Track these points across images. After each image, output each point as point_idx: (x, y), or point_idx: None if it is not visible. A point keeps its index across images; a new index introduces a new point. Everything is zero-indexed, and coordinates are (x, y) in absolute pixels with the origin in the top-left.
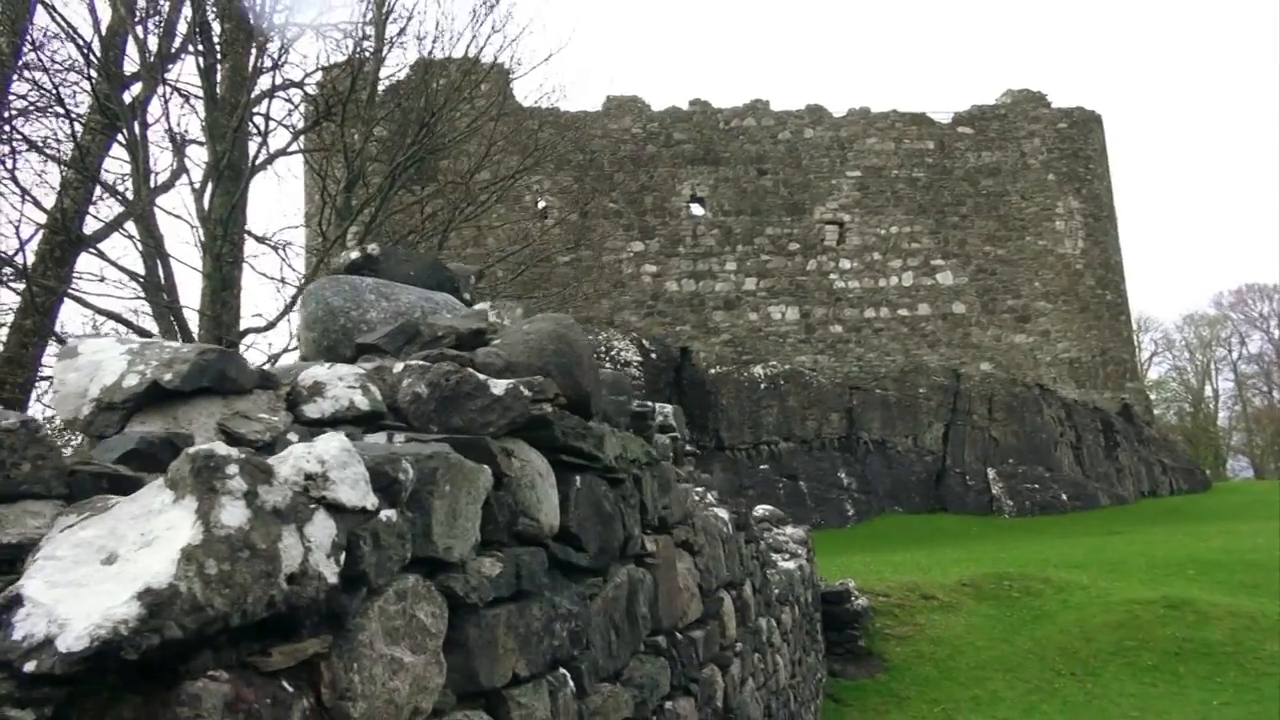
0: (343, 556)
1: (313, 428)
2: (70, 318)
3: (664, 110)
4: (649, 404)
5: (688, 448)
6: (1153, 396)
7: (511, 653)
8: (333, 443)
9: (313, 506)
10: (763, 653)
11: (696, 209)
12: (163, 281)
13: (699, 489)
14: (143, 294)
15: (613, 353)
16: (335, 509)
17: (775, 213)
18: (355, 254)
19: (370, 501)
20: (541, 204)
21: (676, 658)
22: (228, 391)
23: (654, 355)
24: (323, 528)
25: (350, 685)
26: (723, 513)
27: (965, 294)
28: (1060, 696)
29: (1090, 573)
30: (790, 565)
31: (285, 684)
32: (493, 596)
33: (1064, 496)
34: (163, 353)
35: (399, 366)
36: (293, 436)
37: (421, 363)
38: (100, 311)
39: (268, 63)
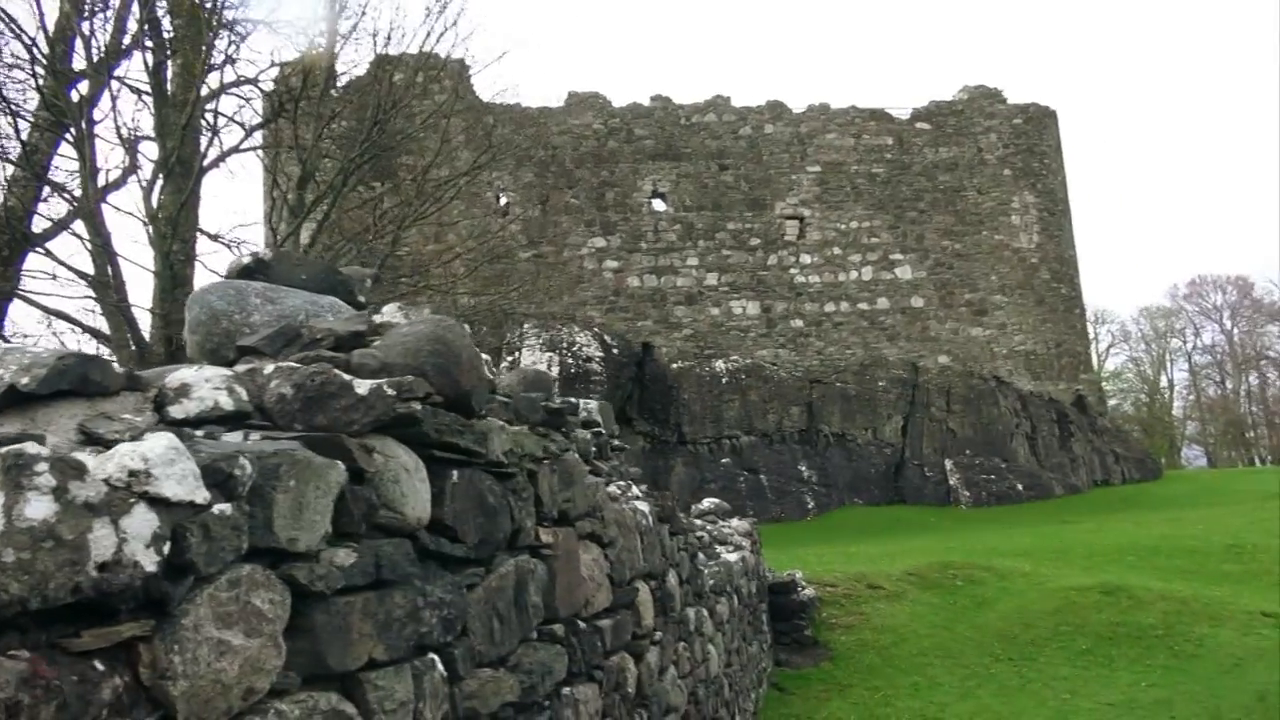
0: (166, 547)
1: (177, 428)
2: (23, 318)
3: (625, 106)
4: (572, 400)
5: (615, 442)
6: (1110, 387)
7: (368, 638)
8: (159, 441)
9: (132, 500)
10: (689, 642)
11: (658, 204)
12: (112, 280)
13: (622, 482)
14: (93, 293)
15: (574, 348)
16: (160, 503)
17: (736, 208)
18: (247, 259)
19: (200, 496)
20: (503, 200)
21: (577, 645)
22: (93, 394)
23: (616, 350)
24: (142, 520)
25: (170, 666)
26: (644, 506)
27: (923, 288)
28: (996, 681)
29: (1034, 560)
30: (732, 557)
31: (96, 664)
32: (343, 585)
33: (1019, 486)
34: (23, 358)
35: (270, 368)
36: (150, 436)
37: (291, 364)
38: (49, 311)
39: (220, 58)
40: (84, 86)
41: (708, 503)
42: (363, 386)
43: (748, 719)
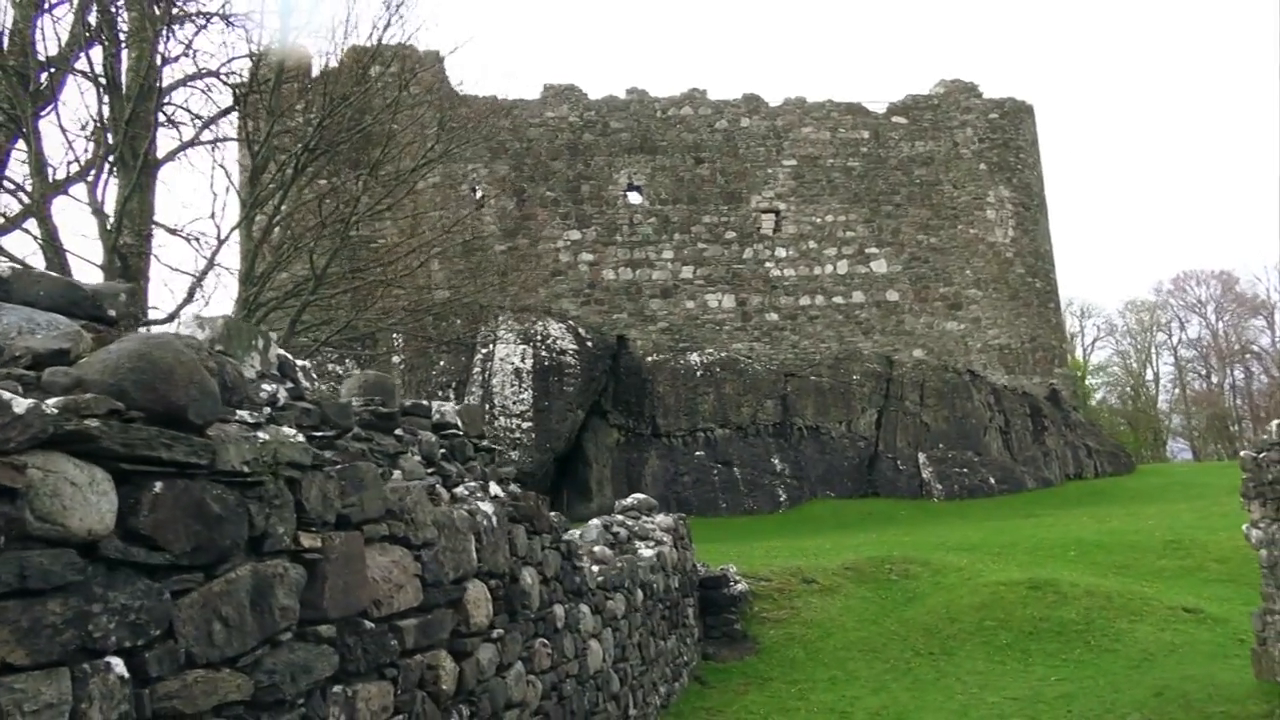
0: None
1: None
2: None
3: (601, 99)
4: (423, 403)
5: (483, 443)
6: (1096, 380)
7: (2, 644)
8: None
9: None
10: (554, 638)
11: (634, 197)
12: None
13: (473, 483)
14: None
15: (549, 341)
16: None
17: (712, 201)
18: None
19: None
20: (479, 193)
21: (357, 645)
22: None
23: (590, 344)
24: None
25: None
26: (487, 507)
27: (898, 282)
28: (913, 675)
29: (976, 555)
30: (647, 552)
31: None
32: None
33: (992, 480)
34: None
35: None
36: None
37: None
38: None
39: (175, 51)
40: (45, 77)
41: (632, 499)
42: (20, 405)
43: (652, 712)
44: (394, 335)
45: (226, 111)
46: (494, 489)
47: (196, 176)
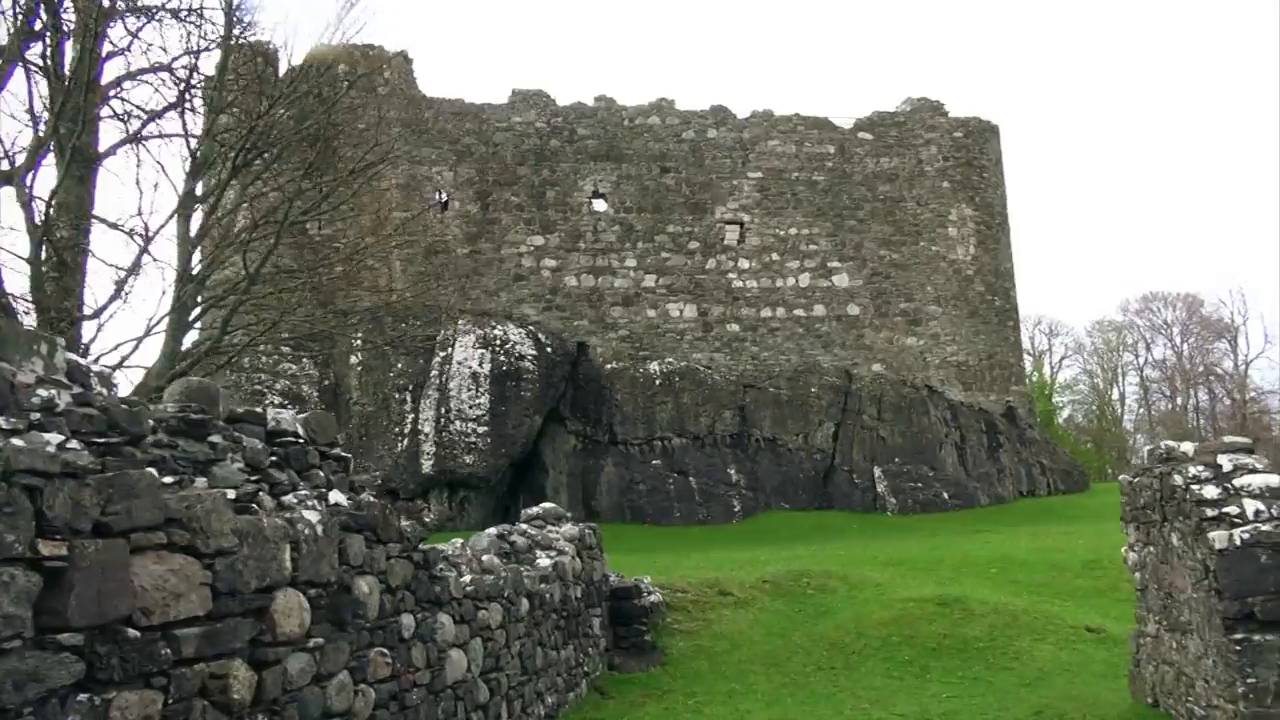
0: None
1: None
2: None
3: (569, 105)
4: (257, 410)
5: (334, 451)
6: (1062, 399)
7: None
8: None
9: None
10: (396, 648)
11: (598, 205)
12: None
13: (305, 490)
14: None
15: (508, 346)
16: None
17: (676, 211)
18: None
19: None
20: (443, 196)
21: (111, 653)
22: None
23: (550, 350)
24: None
25: None
26: (311, 515)
27: (860, 296)
28: (809, 689)
29: (899, 570)
30: (545, 562)
31: None
32: None
33: (945, 495)
34: None
35: None
36: None
37: None
38: None
39: (123, 42)
40: None
41: (538, 508)
42: None
43: None
44: (354, 336)
45: (171, 107)
46: (334, 497)
47: (144, 171)
